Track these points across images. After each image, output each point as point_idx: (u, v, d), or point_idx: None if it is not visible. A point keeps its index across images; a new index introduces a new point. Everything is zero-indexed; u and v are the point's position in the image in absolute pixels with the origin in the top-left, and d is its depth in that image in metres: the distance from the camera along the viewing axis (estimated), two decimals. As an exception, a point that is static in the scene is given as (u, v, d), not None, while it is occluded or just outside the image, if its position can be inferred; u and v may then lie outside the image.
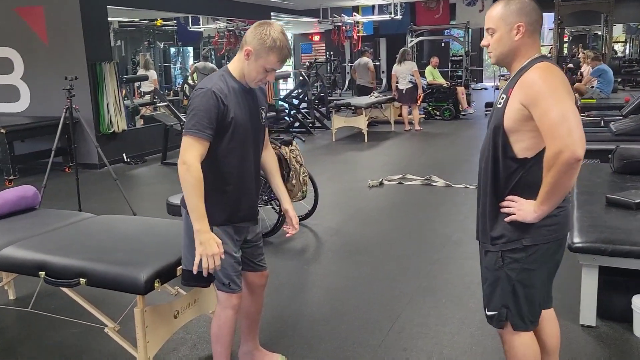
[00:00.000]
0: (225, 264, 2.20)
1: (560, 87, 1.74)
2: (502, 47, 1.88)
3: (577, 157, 1.66)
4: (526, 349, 1.97)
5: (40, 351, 2.83)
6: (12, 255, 2.54)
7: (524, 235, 1.86)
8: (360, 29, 14.04)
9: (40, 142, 7.18)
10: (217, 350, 2.36)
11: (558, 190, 1.75)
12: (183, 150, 2.03)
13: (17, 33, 7.69)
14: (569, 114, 1.68)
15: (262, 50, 2.08)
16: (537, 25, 1.85)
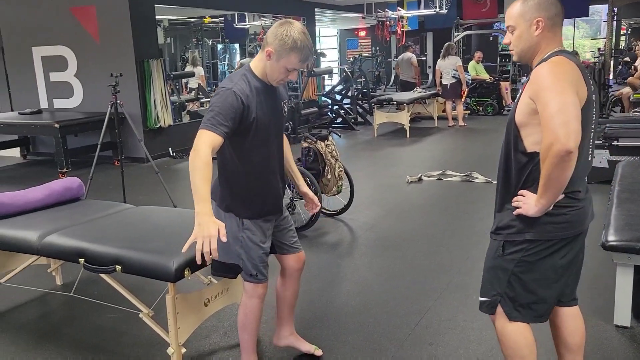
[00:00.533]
0: (254, 255, 2.27)
1: (564, 80, 1.73)
2: (522, 44, 1.88)
3: (567, 149, 1.65)
4: (517, 336, 1.96)
5: (82, 333, 3.00)
6: (55, 242, 2.69)
7: (528, 230, 1.87)
8: (405, 23, 13.89)
9: (91, 137, 7.50)
10: (243, 338, 2.44)
11: (552, 183, 1.74)
12: (195, 141, 2.05)
13: (71, 32, 8.04)
14: (566, 106, 1.68)
15: (283, 51, 2.09)
16: (557, 19, 1.84)
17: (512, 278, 1.92)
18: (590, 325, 2.82)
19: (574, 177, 1.80)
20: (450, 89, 10.03)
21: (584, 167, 1.88)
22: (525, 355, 1.97)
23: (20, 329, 3.08)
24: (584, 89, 1.77)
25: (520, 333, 1.97)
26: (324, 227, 4.67)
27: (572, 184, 1.82)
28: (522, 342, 1.97)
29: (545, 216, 1.83)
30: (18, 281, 3.34)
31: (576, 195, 1.86)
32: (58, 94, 8.44)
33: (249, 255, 2.27)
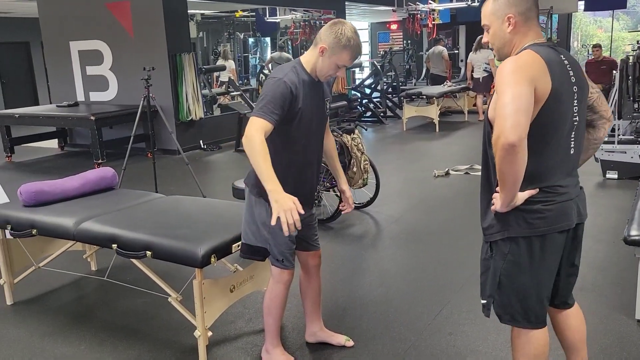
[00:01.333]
0: (281, 241, 2.36)
1: (520, 73, 1.69)
2: (498, 41, 1.88)
3: (509, 142, 1.63)
4: (526, 344, 1.92)
5: (114, 316, 3.14)
6: (89, 228, 2.83)
7: (506, 227, 1.84)
8: (436, 16, 13.77)
9: (126, 129, 7.71)
10: (268, 322, 2.53)
11: (504, 177, 1.72)
12: (247, 128, 2.14)
13: (106, 27, 8.27)
14: (514, 99, 1.65)
15: (337, 48, 2.21)
16: (529, 13, 1.82)
17: (501, 280, 1.89)
18: (612, 320, 2.84)
19: (547, 170, 1.79)
20: (482, 82, 9.94)
21: (562, 161, 1.84)
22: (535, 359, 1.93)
23: (56, 310, 3.24)
24: (547, 82, 1.72)
25: (530, 342, 1.92)
26: (349, 219, 4.73)
27: (545, 178, 1.80)
28: (530, 351, 1.92)
29: (521, 212, 1.81)
30: (55, 266, 3.51)
31: (554, 190, 1.82)
32: (94, 87, 8.70)
33: (276, 241, 2.36)
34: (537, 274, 1.87)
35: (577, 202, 1.91)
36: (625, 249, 3.01)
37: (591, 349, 2.57)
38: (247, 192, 2.41)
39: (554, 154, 1.81)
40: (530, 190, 1.81)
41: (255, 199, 2.38)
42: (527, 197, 1.80)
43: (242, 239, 2.48)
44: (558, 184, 1.83)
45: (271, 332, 2.54)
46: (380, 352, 2.66)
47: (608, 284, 3.26)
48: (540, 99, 1.73)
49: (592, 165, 5.80)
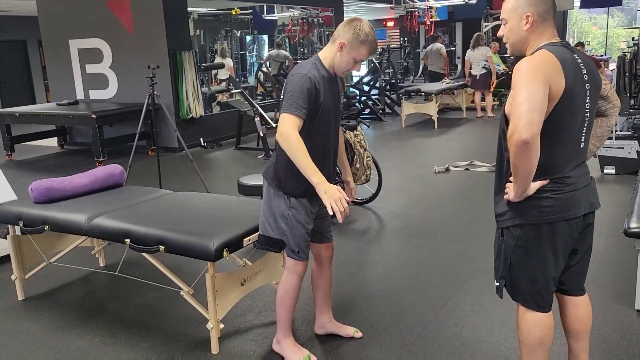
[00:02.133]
0: (297, 233, 2.44)
1: (536, 72, 1.79)
2: (513, 37, 1.98)
3: (523, 139, 1.72)
4: (533, 326, 2.02)
5: (126, 310, 3.20)
6: (103, 224, 2.89)
7: (517, 215, 1.96)
8: (434, 14, 13.84)
9: (126, 127, 7.76)
10: (280, 313, 2.60)
11: (518, 170, 1.81)
12: (280, 125, 2.22)
13: (106, 25, 8.30)
14: (529, 98, 1.74)
15: (356, 43, 2.31)
16: (546, 15, 1.92)
17: (512, 263, 2.00)
18: (612, 310, 2.92)
19: (558, 163, 1.89)
20: (480, 79, 10.01)
21: (573, 154, 1.94)
22: (534, 345, 2.03)
23: (68, 305, 3.30)
24: (561, 81, 1.81)
25: (537, 324, 2.02)
26: (353, 215, 4.80)
27: (556, 170, 1.90)
28: (537, 333, 2.02)
29: (531, 201, 1.91)
30: (65, 262, 3.55)
31: (563, 181, 1.91)
32: (94, 86, 8.73)
33: (293, 232, 2.44)
34: (545, 259, 1.97)
35: (586, 192, 1.99)
36: (624, 241, 3.09)
37: (592, 338, 2.65)
38: (266, 185, 2.50)
39: (566, 148, 1.90)
40: (541, 181, 1.90)
41: (274, 192, 2.45)
42: (538, 187, 1.90)
43: (260, 230, 2.55)
44: (567, 175, 1.92)
45: (283, 323, 2.60)
46: (389, 343, 2.73)
47: (608, 276, 3.33)
48: (555, 98, 1.81)
49: (590, 161, 5.85)
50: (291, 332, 2.66)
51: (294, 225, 2.43)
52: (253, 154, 7.89)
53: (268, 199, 2.50)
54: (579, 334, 2.18)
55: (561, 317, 2.20)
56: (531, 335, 2.03)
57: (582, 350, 2.20)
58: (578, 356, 2.20)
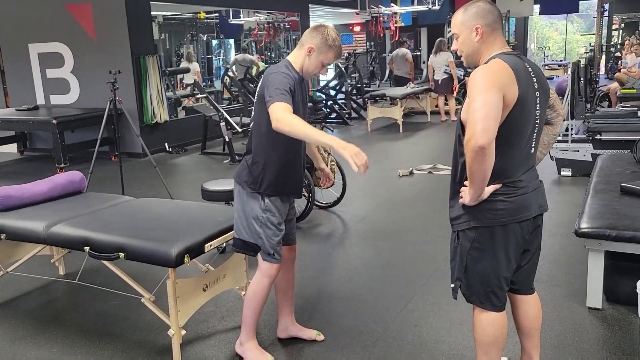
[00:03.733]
0: (271, 235, 2.49)
1: (490, 81, 1.87)
2: (467, 49, 2.06)
3: (479, 145, 1.80)
4: (487, 326, 2.10)
5: (86, 319, 3.16)
6: (61, 232, 2.85)
7: (472, 217, 2.03)
8: (398, 19, 14.04)
9: (88, 132, 7.64)
10: (246, 314, 2.62)
11: (473, 175, 1.89)
12: (273, 112, 2.21)
13: (67, 29, 8.15)
14: (484, 105, 1.82)
15: (324, 47, 2.40)
16: (494, 24, 2.01)
17: (467, 265, 2.08)
18: (565, 308, 3.02)
19: (511, 167, 1.98)
20: (442, 84, 10.20)
21: (525, 159, 2.03)
22: (489, 344, 2.11)
23: (26, 315, 3.24)
24: (514, 89, 1.89)
25: (491, 323, 2.10)
26: (317, 219, 4.84)
27: (509, 174, 1.99)
28: (491, 332, 2.10)
29: (485, 204, 1.99)
30: (23, 271, 3.48)
31: (515, 184, 2.00)
32: (54, 91, 8.56)
33: (267, 235, 2.48)
34: (499, 260, 2.05)
35: (537, 195, 2.09)
36: (578, 241, 3.19)
37: (545, 336, 2.75)
38: (239, 189, 2.53)
39: (518, 153, 1.99)
40: (494, 185, 1.98)
41: (248, 194, 2.49)
42: (492, 191, 1.98)
43: (235, 233, 2.58)
44: (519, 179, 2.01)
45: (248, 325, 2.63)
46: (350, 345, 2.77)
47: (562, 275, 3.45)
48: (508, 105, 1.89)
49: (547, 164, 6.07)
50: (255, 335, 2.67)
51: (269, 228, 2.47)
52: (219, 159, 7.86)
53: (241, 203, 2.53)
54: (530, 331, 2.26)
55: (513, 315, 2.28)
56: (486, 334, 2.11)
57: (533, 347, 2.28)
58: (530, 353, 2.29)
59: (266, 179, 2.46)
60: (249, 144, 2.53)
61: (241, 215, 2.53)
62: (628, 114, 6.48)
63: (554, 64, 19.28)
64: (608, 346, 2.67)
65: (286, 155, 2.48)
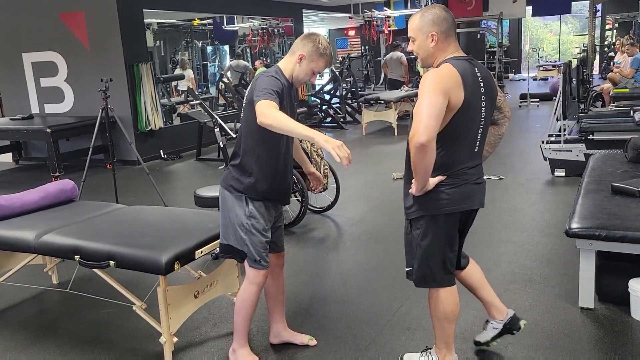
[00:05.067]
0: (257, 242, 2.48)
1: (438, 84, 2.04)
2: (422, 53, 2.22)
3: (420, 142, 1.99)
4: (444, 301, 2.33)
5: (78, 328, 3.15)
6: (51, 240, 2.84)
7: (422, 207, 2.24)
8: (392, 23, 14.08)
9: (83, 141, 7.62)
10: (237, 321, 2.61)
11: (416, 168, 2.07)
12: (260, 108, 2.20)
13: (60, 38, 8.16)
14: (429, 107, 2.00)
15: (315, 55, 2.42)
16: (449, 32, 2.18)
17: (417, 249, 2.29)
18: (557, 309, 3.03)
19: (457, 162, 2.18)
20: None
21: (470, 156, 2.22)
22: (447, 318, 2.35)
23: (18, 325, 3.23)
24: (460, 93, 2.06)
25: (447, 299, 2.33)
26: (311, 224, 4.84)
27: (453, 167, 2.18)
28: (448, 307, 2.34)
29: (431, 194, 2.18)
30: (15, 280, 3.47)
31: (459, 176, 2.19)
32: (49, 99, 8.56)
33: (252, 241, 2.47)
34: (442, 244, 2.28)
35: (480, 189, 2.30)
36: (570, 241, 3.20)
37: (538, 337, 2.75)
38: (225, 194, 2.52)
39: (462, 150, 2.19)
40: (439, 177, 2.18)
41: (233, 200, 2.48)
42: (437, 182, 2.17)
43: (222, 239, 2.57)
44: (463, 172, 2.21)
45: (239, 332, 2.62)
46: (343, 349, 2.77)
47: (554, 275, 3.46)
48: (454, 108, 2.07)
49: (541, 164, 6.09)
50: (247, 341, 2.67)
51: (253, 234, 2.47)
52: (214, 165, 7.86)
53: (226, 209, 2.52)
54: (479, 282, 2.56)
55: (464, 283, 2.55)
56: (439, 310, 2.34)
57: (490, 295, 2.57)
58: (490, 301, 2.57)
59: (253, 183, 2.46)
60: (237, 148, 2.53)
61: (226, 222, 2.52)
62: (621, 113, 6.49)
63: (548, 64, 19.32)
64: (600, 346, 2.67)
65: (273, 159, 2.48)
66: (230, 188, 2.50)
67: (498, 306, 2.58)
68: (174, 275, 2.70)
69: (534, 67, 19.22)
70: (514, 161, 6.82)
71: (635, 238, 2.75)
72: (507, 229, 4.41)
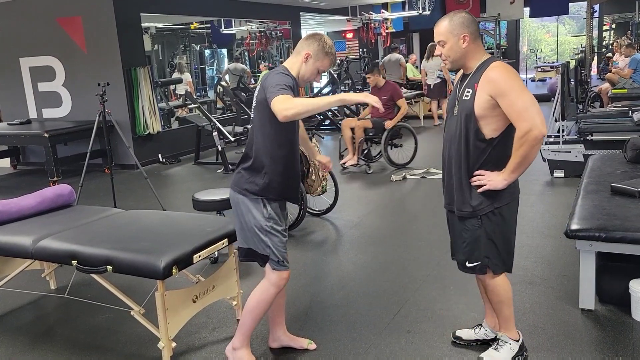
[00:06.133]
0: (278, 242, 2.47)
1: (519, 81, 2.20)
2: (454, 55, 2.30)
3: (543, 134, 2.12)
4: (505, 284, 2.46)
5: (77, 333, 3.12)
6: (48, 246, 2.83)
7: (494, 200, 2.31)
8: (389, 25, 14.08)
9: (81, 145, 7.60)
10: (245, 321, 2.58)
11: (526, 161, 2.20)
12: (275, 105, 2.21)
13: (58, 42, 8.15)
14: (531, 101, 2.14)
15: (321, 54, 2.44)
16: (477, 33, 2.30)
17: (495, 240, 2.37)
18: (558, 311, 3.01)
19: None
20: (434, 88, 10.21)
21: None
22: (509, 297, 2.48)
23: (16, 330, 3.21)
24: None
25: (506, 282, 2.47)
26: (310, 227, 4.82)
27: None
28: (509, 289, 2.47)
29: None
30: (13, 286, 3.46)
31: None
32: (47, 104, 8.55)
33: (274, 242, 2.46)
34: (514, 229, 2.43)
35: None
36: (570, 242, 3.18)
37: (538, 339, 2.74)
38: (240, 198, 2.48)
39: None
40: None
41: (249, 203, 2.46)
42: None
43: (242, 243, 2.53)
44: None
45: (245, 332, 2.60)
46: (342, 353, 2.75)
47: (555, 277, 3.44)
48: None
49: (540, 165, 6.07)
50: (249, 343, 2.64)
51: (274, 235, 2.46)
52: (212, 168, 7.85)
53: (241, 214, 2.49)
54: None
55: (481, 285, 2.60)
56: (507, 290, 2.46)
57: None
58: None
59: (268, 183, 2.44)
60: (248, 150, 2.49)
61: (244, 227, 2.50)
62: (619, 113, 6.48)
63: (546, 65, 19.34)
64: (601, 348, 2.65)
65: (287, 157, 2.47)
66: (245, 192, 2.47)
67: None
68: (173, 279, 2.69)
69: (532, 68, 19.25)
70: (512, 162, 6.79)
71: (635, 239, 2.73)
72: (506, 230, 4.39)
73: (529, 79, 15.63)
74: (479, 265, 2.41)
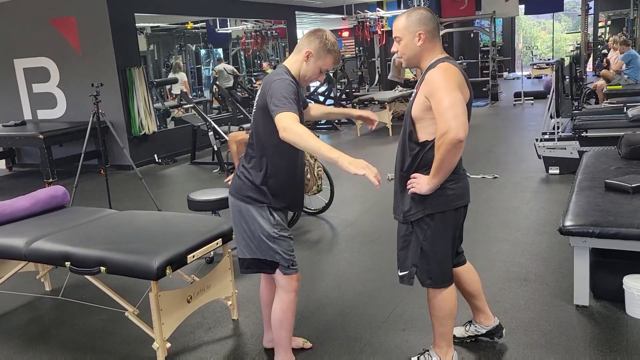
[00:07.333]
0: (286, 247, 2.41)
1: (452, 82, 2.08)
2: (409, 52, 2.23)
3: (459, 138, 2.01)
4: (442, 301, 2.33)
5: (71, 335, 3.12)
6: (41, 247, 2.82)
7: (426, 206, 2.22)
8: (385, 23, 14.08)
9: (76, 146, 7.57)
10: (281, 336, 2.49)
11: (444, 165, 2.09)
12: (281, 122, 2.11)
13: (52, 43, 8.13)
14: (455, 103, 2.03)
15: (323, 52, 2.33)
16: (435, 32, 2.21)
17: (423, 249, 2.27)
18: (553, 307, 3.01)
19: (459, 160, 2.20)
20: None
21: None
22: (446, 316, 2.36)
23: (11, 332, 3.20)
24: (467, 89, 2.14)
25: (446, 298, 2.34)
26: (306, 226, 4.81)
27: (458, 164, 2.21)
28: (446, 306, 2.34)
29: (437, 191, 2.18)
30: (7, 288, 3.44)
31: (459, 173, 2.25)
32: (41, 105, 8.52)
33: (284, 248, 2.40)
34: (448, 240, 2.30)
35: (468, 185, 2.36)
36: (565, 239, 3.18)
37: (533, 335, 2.74)
38: (241, 206, 2.38)
39: None
40: None
41: (255, 211, 2.36)
42: None
43: (245, 253, 2.44)
44: (462, 168, 2.30)
45: (285, 345, 2.52)
46: (337, 351, 2.75)
47: (550, 273, 3.44)
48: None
49: (535, 162, 6.09)
50: (291, 350, 2.58)
51: (283, 241, 2.39)
52: (208, 168, 7.84)
53: (244, 222, 2.39)
54: (476, 292, 2.59)
55: (459, 287, 2.55)
56: (442, 309, 2.34)
57: (482, 302, 2.62)
58: (482, 308, 2.62)
59: (274, 191, 2.35)
60: (248, 156, 2.40)
61: (249, 235, 2.39)
62: (614, 110, 6.50)
63: (542, 62, 19.36)
64: (596, 344, 2.66)
65: (291, 165, 2.39)
66: (249, 200, 2.36)
67: (488, 314, 2.64)
68: (167, 280, 2.68)
69: (528, 66, 19.27)
70: (508, 160, 6.81)
71: (628, 235, 2.74)
72: (501, 227, 4.40)
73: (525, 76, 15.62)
74: (406, 274, 2.33)
